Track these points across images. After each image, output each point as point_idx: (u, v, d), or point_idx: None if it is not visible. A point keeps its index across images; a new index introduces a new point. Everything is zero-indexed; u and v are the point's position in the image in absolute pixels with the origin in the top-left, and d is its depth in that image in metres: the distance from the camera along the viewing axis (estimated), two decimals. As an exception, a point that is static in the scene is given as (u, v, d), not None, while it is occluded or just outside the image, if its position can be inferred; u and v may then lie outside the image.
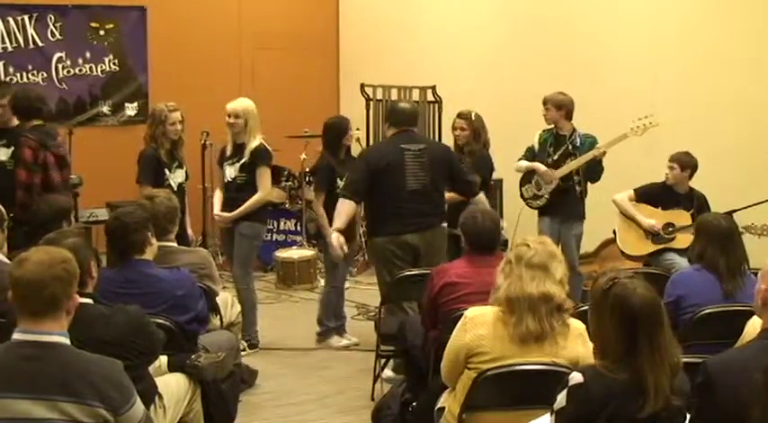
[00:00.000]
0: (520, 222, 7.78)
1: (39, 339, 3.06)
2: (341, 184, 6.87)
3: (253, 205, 6.67)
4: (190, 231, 7.01)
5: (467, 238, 4.95)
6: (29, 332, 3.07)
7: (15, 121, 6.61)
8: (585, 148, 7.11)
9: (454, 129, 7.17)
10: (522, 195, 7.37)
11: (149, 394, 3.89)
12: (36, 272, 3.04)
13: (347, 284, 7.50)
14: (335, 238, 6.21)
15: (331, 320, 7.13)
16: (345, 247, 6.37)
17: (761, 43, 7.82)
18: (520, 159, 7.35)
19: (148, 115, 6.86)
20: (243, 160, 6.69)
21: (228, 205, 6.84)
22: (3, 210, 5.18)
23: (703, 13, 8.24)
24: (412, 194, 6.21)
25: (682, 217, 6.95)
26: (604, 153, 6.99)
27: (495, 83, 9.52)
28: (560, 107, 7.11)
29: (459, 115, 7.15)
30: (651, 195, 7.11)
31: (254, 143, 6.65)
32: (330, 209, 6.88)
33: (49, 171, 6.42)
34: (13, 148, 6.51)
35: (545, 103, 7.15)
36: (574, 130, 7.18)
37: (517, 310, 3.83)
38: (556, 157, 7.17)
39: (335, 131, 6.98)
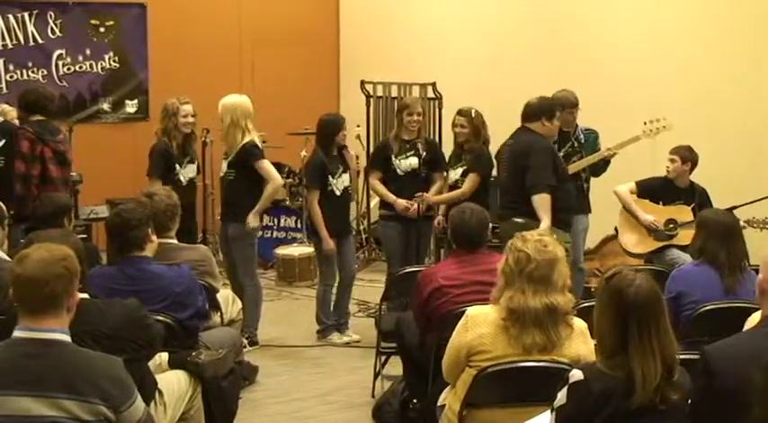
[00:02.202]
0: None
1: (39, 337, 3.06)
2: (332, 180, 6.88)
3: (270, 196, 6.73)
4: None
5: (452, 234, 4.95)
6: (29, 330, 3.07)
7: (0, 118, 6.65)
8: (590, 143, 7.11)
9: (454, 126, 7.15)
10: None
11: (149, 391, 3.90)
12: (36, 269, 3.04)
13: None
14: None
15: (329, 317, 7.13)
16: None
17: (762, 39, 7.82)
18: None
19: (161, 110, 6.88)
20: (230, 158, 6.69)
21: (222, 201, 6.88)
22: (3, 207, 5.19)
23: (704, 9, 8.23)
24: (498, 186, 6.72)
25: (683, 212, 6.95)
26: (614, 154, 6.98)
27: (495, 79, 9.51)
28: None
29: (460, 113, 7.12)
30: (652, 189, 7.10)
31: (239, 140, 6.63)
32: (324, 206, 6.88)
33: (47, 164, 6.44)
34: (1, 143, 6.52)
35: (577, 105, 7.06)
36: (576, 126, 7.17)
37: (520, 322, 3.80)
38: (561, 155, 7.15)
39: (329, 129, 6.97)
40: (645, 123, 7.02)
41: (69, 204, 5.78)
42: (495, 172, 7.02)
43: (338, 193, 6.95)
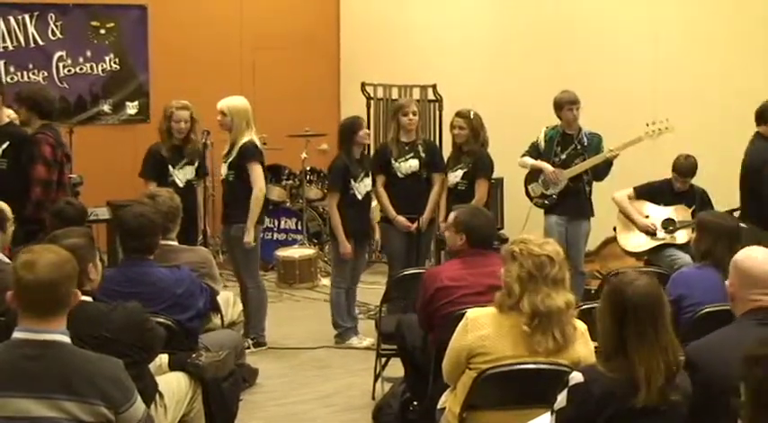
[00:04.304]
0: (528, 220, 7.79)
1: (40, 338, 3.06)
2: (355, 184, 6.88)
3: (254, 208, 6.63)
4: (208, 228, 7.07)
5: (470, 236, 4.94)
6: (30, 331, 3.06)
7: (6, 119, 6.63)
8: (593, 146, 7.11)
9: (452, 128, 7.14)
10: (528, 194, 7.35)
11: (150, 393, 3.90)
12: (49, 272, 3.04)
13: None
14: None
15: (346, 321, 7.11)
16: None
17: (763, 42, 7.83)
18: (523, 155, 7.32)
19: (163, 110, 6.93)
20: (231, 158, 6.70)
21: (222, 202, 6.87)
22: (8, 209, 5.18)
23: (706, 11, 8.24)
24: None
25: (681, 212, 6.98)
26: (617, 155, 6.99)
27: (495, 81, 9.52)
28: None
29: (458, 114, 7.11)
30: (651, 193, 7.13)
31: (242, 141, 6.65)
32: (346, 210, 6.88)
33: (64, 169, 6.50)
34: (5, 146, 6.52)
35: (577, 102, 7.07)
36: (580, 128, 7.18)
37: (542, 325, 3.80)
38: (564, 157, 7.14)
39: (346, 130, 6.95)
40: (647, 125, 7.03)
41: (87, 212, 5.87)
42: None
43: (360, 197, 6.92)
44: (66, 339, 3.11)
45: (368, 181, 6.96)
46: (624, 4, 8.83)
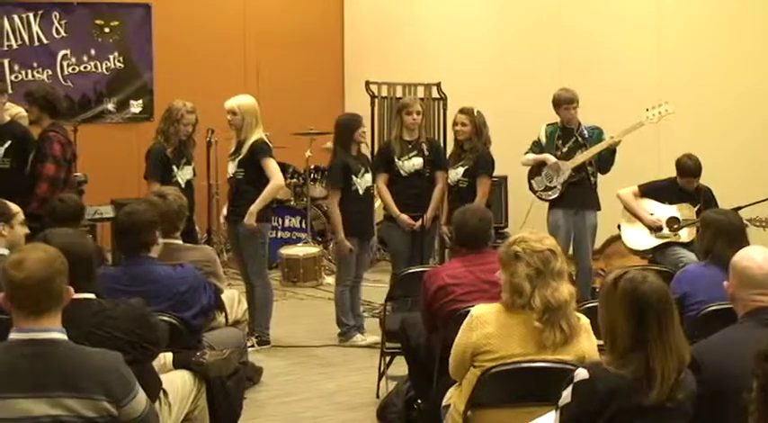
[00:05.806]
0: (529, 217, 7.79)
1: (38, 337, 3.05)
2: (356, 180, 6.87)
3: (268, 196, 6.67)
4: (196, 228, 7.07)
5: (456, 234, 4.94)
6: (27, 331, 3.05)
7: (7, 118, 6.65)
8: (594, 139, 7.12)
9: (455, 124, 7.15)
10: (531, 188, 7.35)
11: (154, 391, 3.89)
12: (38, 269, 3.02)
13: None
14: None
15: (350, 319, 7.11)
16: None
17: (766, 37, 7.82)
18: (526, 153, 7.33)
19: (165, 110, 6.90)
20: (241, 156, 6.70)
21: (229, 202, 6.87)
22: (10, 205, 5.18)
23: (709, 7, 8.23)
24: None
25: (686, 210, 6.98)
26: (619, 142, 6.99)
27: (499, 79, 9.51)
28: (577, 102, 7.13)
29: (461, 111, 7.12)
30: (656, 191, 7.11)
31: (251, 139, 6.66)
32: (348, 207, 6.88)
33: (71, 168, 6.53)
34: (7, 145, 6.53)
35: (574, 101, 7.10)
36: (579, 123, 7.19)
37: (552, 319, 3.81)
38: (565, 150, 7.16)
39: (347, 128, 6.95)
40: (647, 109, 7.03)
41: (85, 207, 5.86)
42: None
43: (361, 192, 6.91)
44: (63, 337, 3.10)
45: (368, 176, 6.95)
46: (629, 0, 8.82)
